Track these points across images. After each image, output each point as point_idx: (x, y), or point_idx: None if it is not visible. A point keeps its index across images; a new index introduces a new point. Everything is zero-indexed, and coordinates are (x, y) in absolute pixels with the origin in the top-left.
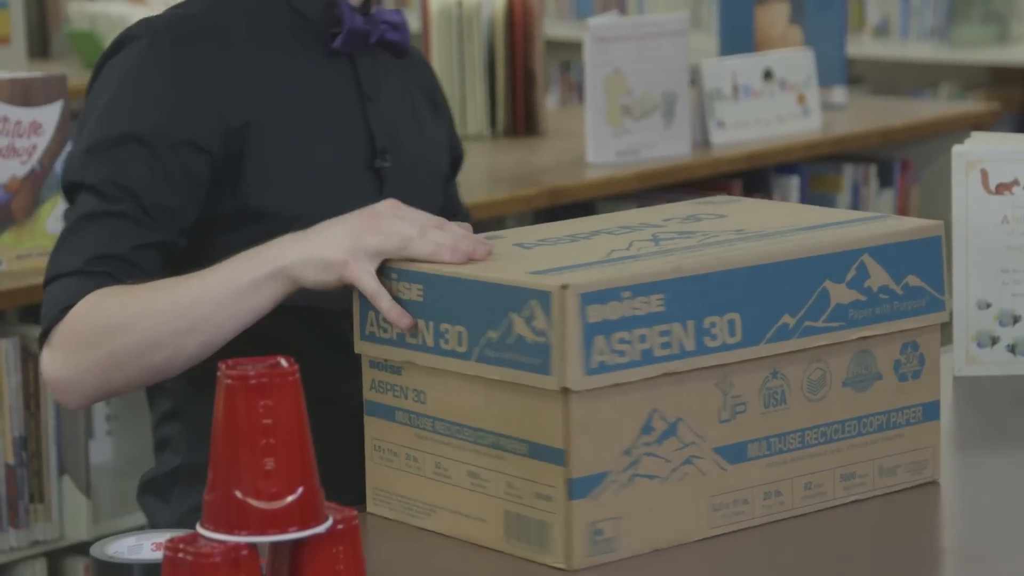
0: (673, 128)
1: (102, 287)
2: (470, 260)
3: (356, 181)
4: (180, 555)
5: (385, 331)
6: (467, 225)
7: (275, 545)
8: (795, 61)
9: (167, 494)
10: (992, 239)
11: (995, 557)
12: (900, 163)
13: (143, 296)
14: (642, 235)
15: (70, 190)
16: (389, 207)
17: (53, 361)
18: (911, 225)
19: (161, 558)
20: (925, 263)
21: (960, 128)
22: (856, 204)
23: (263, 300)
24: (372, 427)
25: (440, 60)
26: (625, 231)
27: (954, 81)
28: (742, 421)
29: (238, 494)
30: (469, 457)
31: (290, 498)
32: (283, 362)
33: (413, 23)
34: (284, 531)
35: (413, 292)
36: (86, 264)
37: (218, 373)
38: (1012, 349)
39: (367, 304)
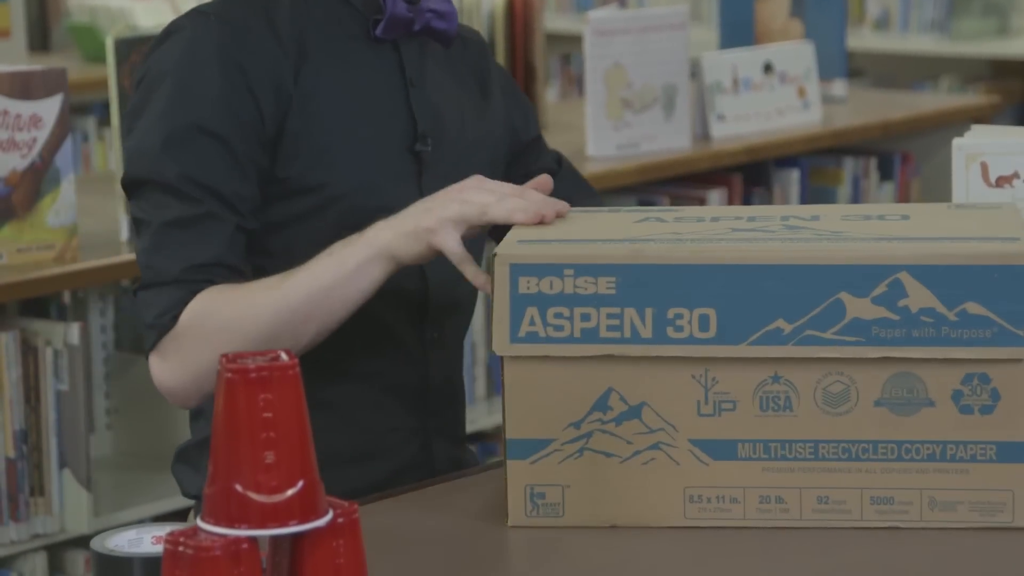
0: (673, 121)
1: (202, 292)
2: (541, 220)
3: (396, 163)
4: (180, 548)
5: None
6: (547, 184)
7: (275, 539)
8: (795, 54)
9: (199, 463)
10: None
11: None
12: (900, 156)
13: (255, 295)
14: (722, 226)
15: (138, 185)
16: (474, 181)
17: (171, 370)
18: (989, 250)
19: (161, 551)
20: (995, 291)
21: (960, 121)
22: (856, 197)
23: (369, 281)
24: None
25: None
26: (722, 219)
27: (954, 74)
28: (730, 419)
29: (238, 487)
30: None
31: (290, 491)
32: (283, 356)
33: None
34: (284, 524)
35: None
36: (183, 273)
37: (218, 367)
38: None
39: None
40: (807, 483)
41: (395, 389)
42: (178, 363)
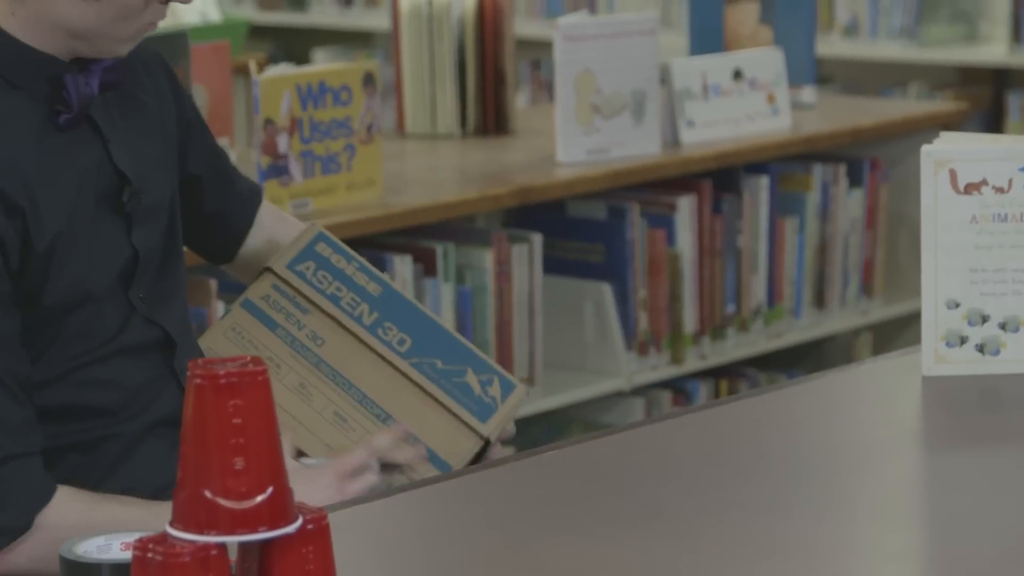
0: (643, 127)
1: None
2: None
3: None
4: (149, 555)
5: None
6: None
7: (245, 545)
8: (764, 60)
9: None
10: (961, 238)
11: (961, 557)
12: (869, 162)
13: (109, 513)
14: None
15: None
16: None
17: (15, 565)
18: None
19: (130, 558)
20: None
21: (929, 127)
22: (826, 203)
23: None
24: (241, 317)
25: (410, 59)
26: None
27: (923, 80)
28: None
29: (207, 493)
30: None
31: (260, 497)
32: (251, 362)
33: (383, 22)
34: (254, 531)
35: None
36: (14, 446)
37: (188, 372)
38: (981, 349)
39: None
40: None
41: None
42: (25, 562)
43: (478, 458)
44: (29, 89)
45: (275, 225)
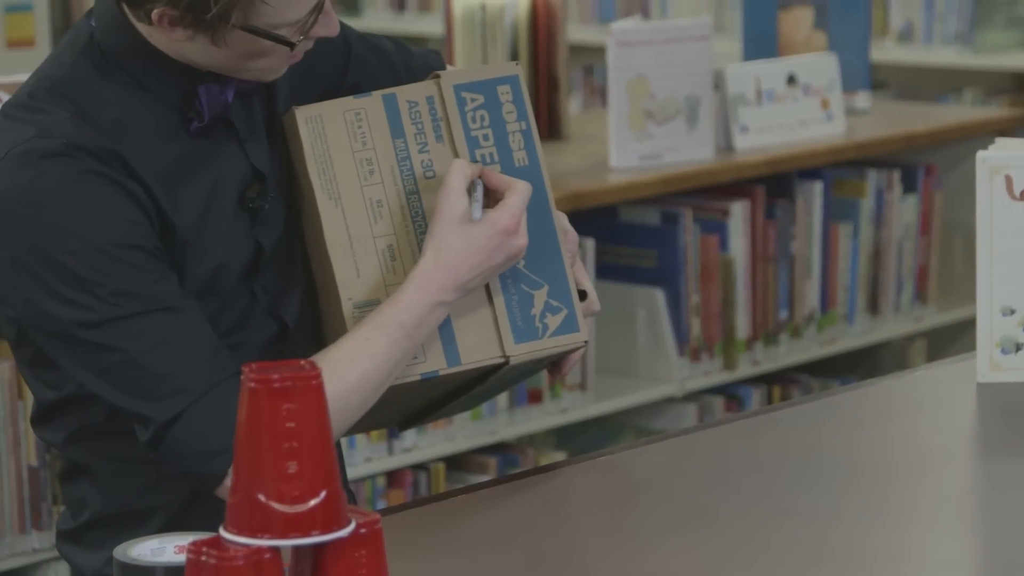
0: (696, 133)
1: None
2: None
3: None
4: (203, 558)
5: None
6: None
7: (297, 549)
8: (819, 66)
9: (92, 542)
10: (1016, 245)
11: (1018, 564)
12: (924, 168)
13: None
14: None
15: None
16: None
17: None
18: None
19: (184, 561)
20: None
21: (984, 134)
22: (880, 209)
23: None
24: (373, 106)
25: (463, 64)
26: None
27: (978, 86)
28: None
29: (261, 497)
30: None
31: (313, 501)
32: (305, 365)
33: (437, 27)
34: (306, 534)
35: None
36: (211, 374)
37: (241, 376)
38: None
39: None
40: None
41: None
42: None
43: (491, 372)
44: (160, 93)
45: None
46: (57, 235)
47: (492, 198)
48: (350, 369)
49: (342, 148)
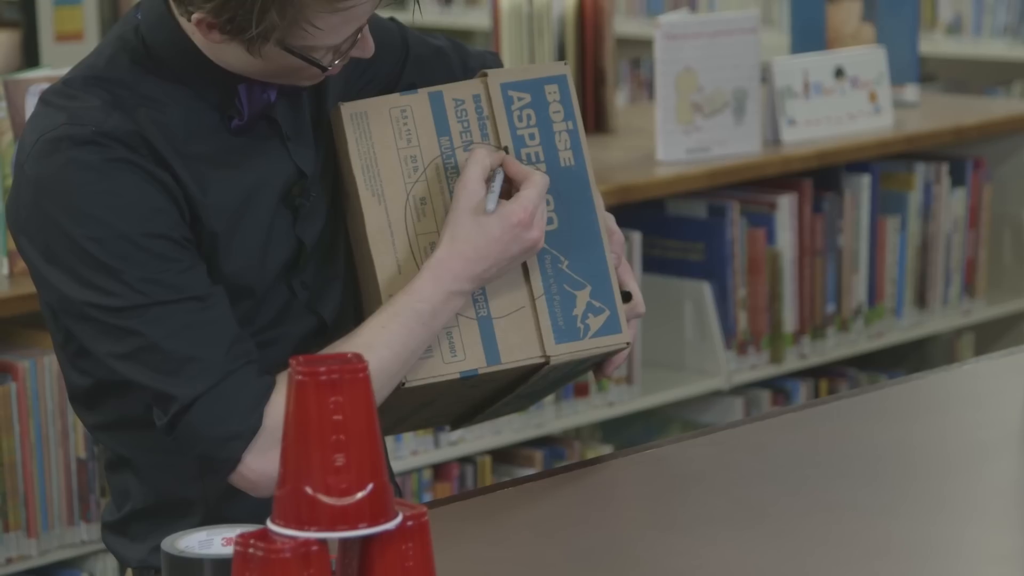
0: (743, 126)
1: (255, 374)
2: None
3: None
4: (251, 550)
5: None
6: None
7: (345, 541)
8: (867, 59)
9: (136, 534)
10: None
11: None
12: (972, 161)
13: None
14: None
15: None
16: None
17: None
18: None
19: (232, 553)
20: None
21: None
22: (928, 203)
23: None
24: (419, 104)
25: (510, 57)
26: None
27: None
28: None
29: (308, 490)
30: None
31: (360, 494)
32: (352, 358)
33: (483, 20)
34: (354, 527)
35: None
36: (229, 361)
37: (289, 369)
38: None
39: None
40: None
41: None
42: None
43: (532, 372)
44: (200, 89)
45: None
46: (83, 221)
47: (514, 187)
48: (368, 357)
49: (387, 145)
